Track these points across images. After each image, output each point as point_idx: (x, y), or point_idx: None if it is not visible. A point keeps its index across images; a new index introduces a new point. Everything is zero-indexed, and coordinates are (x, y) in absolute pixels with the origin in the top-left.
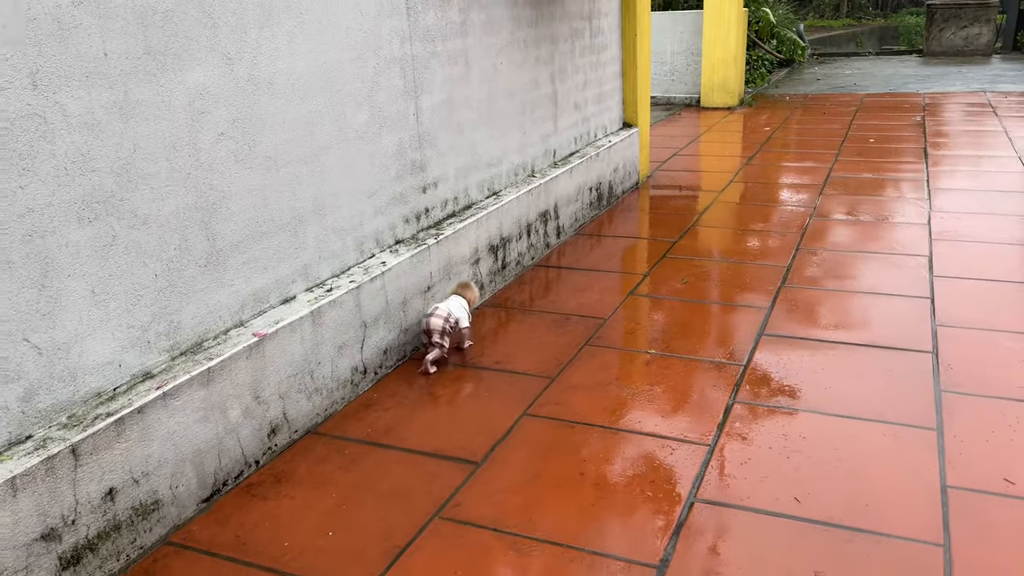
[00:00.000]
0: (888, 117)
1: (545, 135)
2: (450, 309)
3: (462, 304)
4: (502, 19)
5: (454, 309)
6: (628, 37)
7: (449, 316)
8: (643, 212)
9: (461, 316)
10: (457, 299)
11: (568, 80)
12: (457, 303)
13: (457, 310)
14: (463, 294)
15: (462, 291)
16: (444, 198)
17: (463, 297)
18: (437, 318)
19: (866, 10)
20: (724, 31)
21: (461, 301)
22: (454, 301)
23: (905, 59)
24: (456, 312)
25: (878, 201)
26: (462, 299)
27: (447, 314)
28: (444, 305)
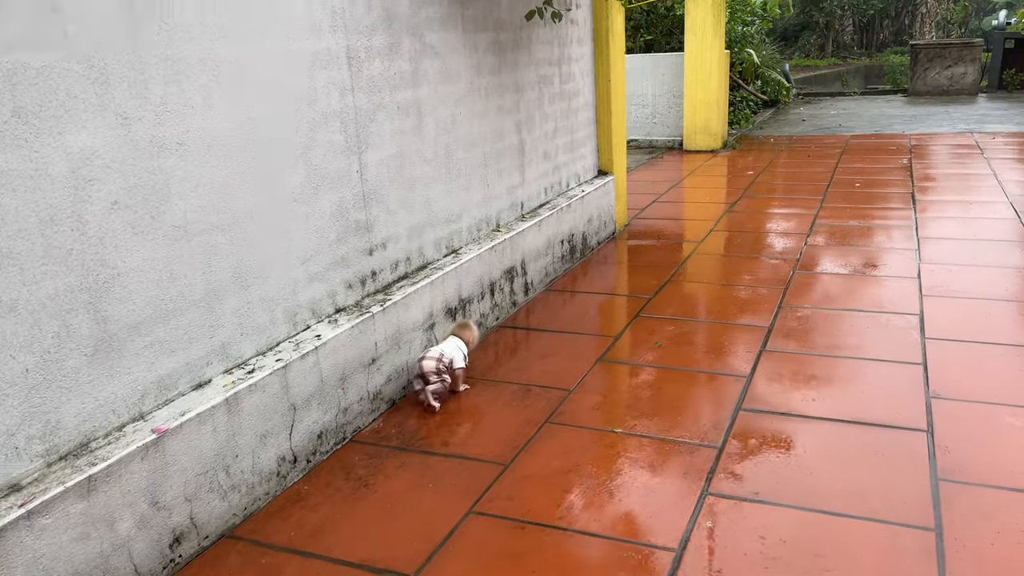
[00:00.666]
0: (874, 160)
1: (512, 187)
2: (443, 350)
3: (458, 345)
4: (460, 67)
5: (447, 350)
6: (601, 83)
7: (442, 356)
8: (619, 265)
9: (456, 356)
10: (454, 340)
11: (536, 129)
12: (453, 344)
13: (451, 351)
14: (460, 335)
15: (460, 332)
16: (394, 259)
17: (460, 338)
18: (429, 360)
19: (851, 50)
20: (705, 73)
21: (458, 342)
22: (450, 342)
23: (890, 99)
24: (450, 352)
25: (865, 251)
26: (459, 340)
27: (439, 355)
28: (437, 347)
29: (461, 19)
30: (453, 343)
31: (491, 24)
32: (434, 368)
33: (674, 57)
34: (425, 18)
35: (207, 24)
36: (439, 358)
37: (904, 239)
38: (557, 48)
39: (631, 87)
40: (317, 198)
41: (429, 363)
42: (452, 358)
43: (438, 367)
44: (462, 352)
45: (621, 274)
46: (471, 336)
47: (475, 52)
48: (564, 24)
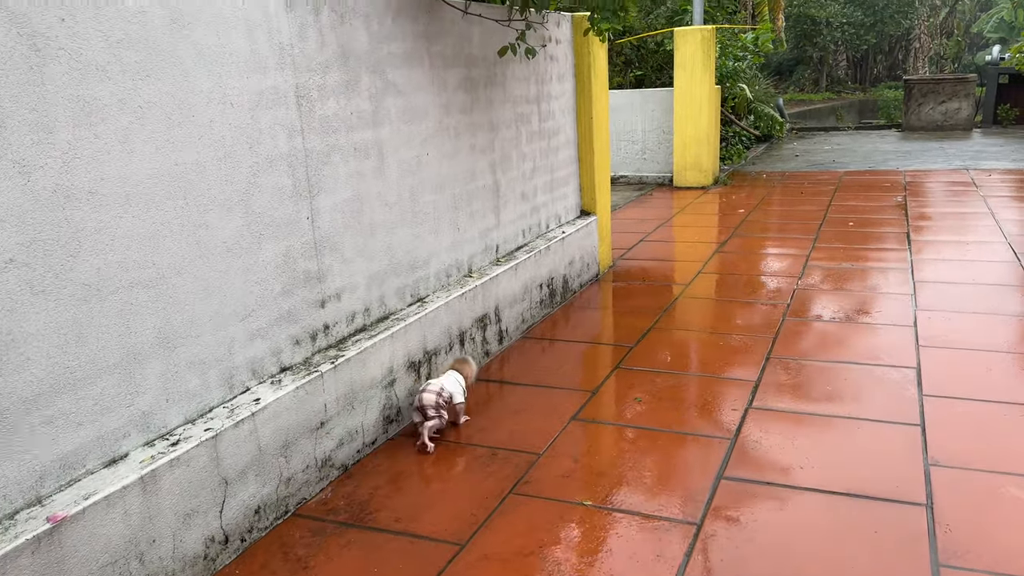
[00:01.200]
0: (868, 197)
1: (485, 230)
2: (443, 384)
3: (457, 379)
4: (427, 106)
5: (447, 384)
6: (583, 120)
7: (442, 391)
8: (601, 310)
9: (455, 391)
10: (453, 374)
11: (513, 169)
12: (452, 378)
13: (451, 385)
14: (460, 369)
15: (459, 366)
16: (350, 311)
17: (459, 373)
18: (429, 394)
19: (845, 84)
20: (695, 109)
21: (456, 376)
22: (449, 376)
23: (884, 134)
24: (449, 387)
25: (859, 296)
26: (458, 375)
27: (440, 388)
28: (436, 381)
29: (428, 56)
30: (452, 377)
31: (462, 61)
32: (433, 402)
33: (664, 93)
34: (387, 54)
35: (127, 62)
36: (439, 392)
37: (899, 283)
38: (535, 85)
39: (621, 123)
40: (259, 248)
41: (429, 396)
42: (452, 392)
43: (438, 401)
44: (461, 386)
45: (603, 320)
46: (470, 371)
47: (444, 90)
48: (543, 61)
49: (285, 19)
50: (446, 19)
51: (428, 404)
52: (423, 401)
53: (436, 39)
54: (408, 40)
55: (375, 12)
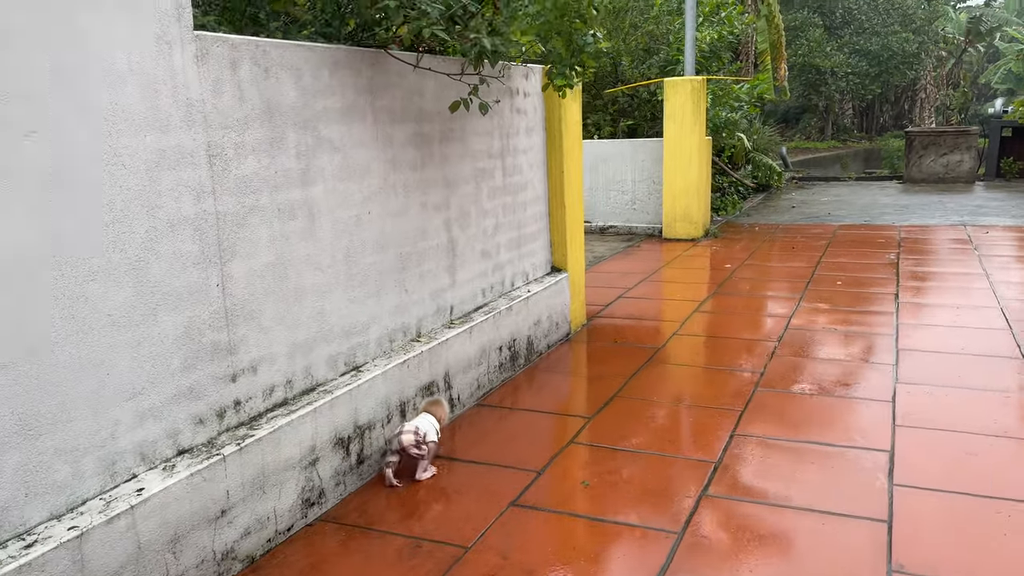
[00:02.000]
0: (860, 254)
1: (438, 290)
2: (417, 424)
3: (431, 421)
4: (369, 162)
5: (421, 424)
6: (554, 174)
7: (418, 431)
8: (565, 374)
9: (429, 431)
10: (425, 416)
11: (472, 226)
12: (426, 420)
13: (425, 426)
14: (432, 411)
15: (431, 408)
16: (268, 384)
17: (432, 414)
18: (407, 434)
19: (851, 133)
20: (685, 160)
21: (430, 418)
22: (422, 418)
23: (885, 185)
24: (424, 427)
25: (838, 365)
26: (431, 416)
27: (415, 428)
28: (411, 423)
29: (372, 110)
30: (426, 419)
31: (412, 115)
32: (412, 441)
33: (654, 143)
34: (321, 110)
35: None
36: (415, 432)
37: (882, 351)
38: (500, 139)
39: (610, 173)
40: (154, 320)
41: (408, 437)
42: (426, 432)
43: (416, 440)
44: (435, 428)
45: (566, 386)
46: (442, 413)
47: (390, 146)
48: (509, 114)
49: (195, 73)
50: (393, 72)
51: (409, 444)
52: (404, 442)
53: (382, 93)
54: (348, 94)
55: (308, 66)
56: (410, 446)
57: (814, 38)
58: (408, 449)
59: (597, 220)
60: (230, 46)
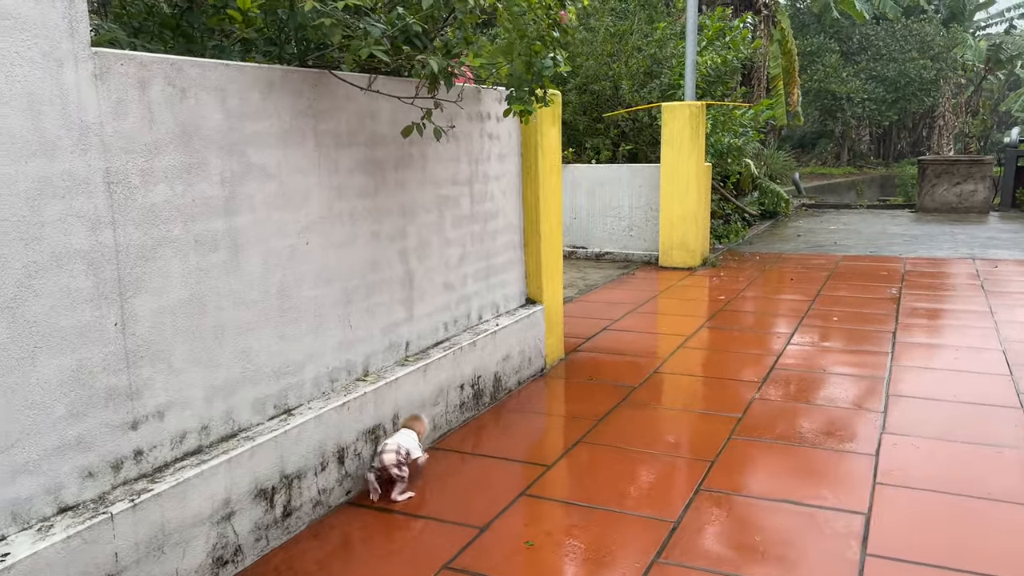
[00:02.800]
0: (861, 287)
1: (391, 325)
2: (399, 442)
3: (412, 437)
4: (309, 189)
5: (403, 441)
6: (529, 201)
7: (399, 449)
8: (533, 415)
9: (412, 447)
10: (406, 432)
11: (433, 257)
12: (407, 436)
13: (407, 441)
14: (412, 427)
15: (411, 424)
16: (179, 431)
17: (412, 430)
18: (389, 453)
19: (867, 159)
20: (682, 187)
21: (411, 434)
22: (403, 434)
23: (897, 214)
24: (405, 443)
25: (822, 413)
26: (411, 432)
27: (397, 447)
28: (392, 440)
29: (314, 134)
30: (407, 435)
31: (363, 139)
32: (394, 461)
33: (652, 168)
34: (251, 134)
35: None
36: (397, 450)
37: (871, 396)
38: (467, 165)
39: (607, 198)
40: (32, 364)
41: (390, 456)
42: (409, 449)
43: (398, 459)
44: (416, 444)
45: (531, 428)
46: (422, 428)
47: (335, 172)
48: (478, 139)
49: (92, 94)
50: (340, 95)
51: (390, 463)
52: (385, 462)
53: (326, 116)
54: (285, 118)
55: (236, 87)
56: (391, 466)
57: (830, 63)
58: (389, 469)
59: (593, 246)
60: (137, 64)
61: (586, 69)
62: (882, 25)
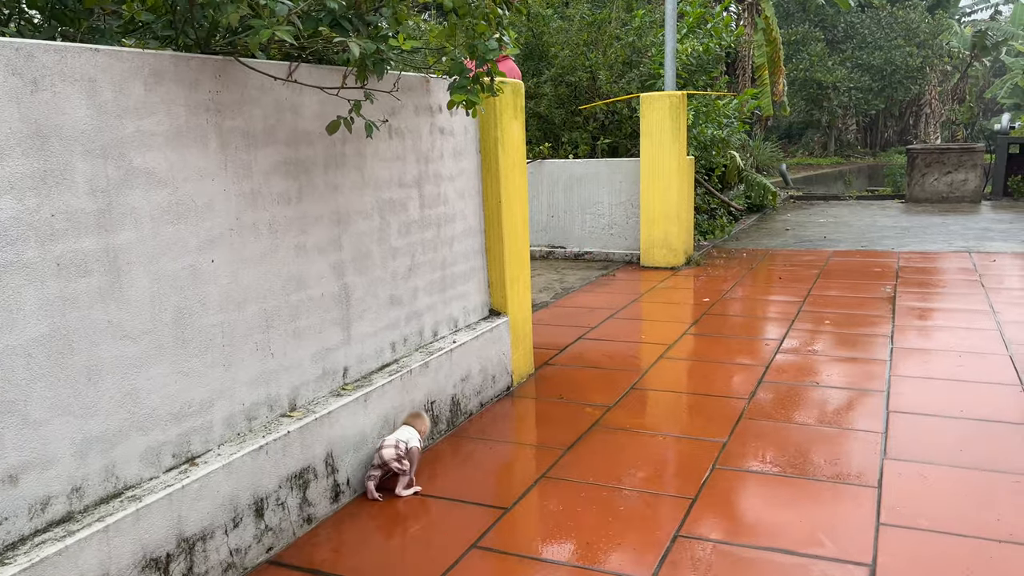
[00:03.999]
0: (854, 286)
1: (324, 350)
2: (398, 437)
3: (413, 433)
4: (213, 197)
5: (403, 436)
6: (491, 204)
7: (398, 444)
8: (493, 443)
9: (412, 439)
10: (407, 429)
11: (375, 269)
12: (407, 432)
13: (407, 436)
14: (414, 424)
15: (413, 421)
16: (39, 497)
17: (414, 427)
18: (388, 448)
19: (855, 148)
20: (664, 183)
21: (411, 431)
22: (404, 430)
23: (886, 205)
24: (405, 437)
25: (816, 433)
26: (412, 429)
27: (395, 442)
28: (392, 436)
29: (218, 132)
30: (407, 431)
31: (283, 137)
32: (394, 456)
33: (632, 163)
34: (133, 133)
35: None
36: (396, 445)
37: (870, 415)
38: (416, 165)
39: (585, 195)
40: None
41: (389, 451)
42: (407, 440)
43: (398, 454)
44: (417, 438)
45: (489, 460)
46: (424, 427)
47: (248, 176)
48: (428, 135)
49: None
50: (252, 85)
51: (390, 458)
52: (385, 457)
53: (234, 111)
54: (179, 113)
55: (110, 77)
56: (391, 460)
57: (815, 52)
58: (390, 463)
59: (572, 246)
60: None
61: (561, 60)
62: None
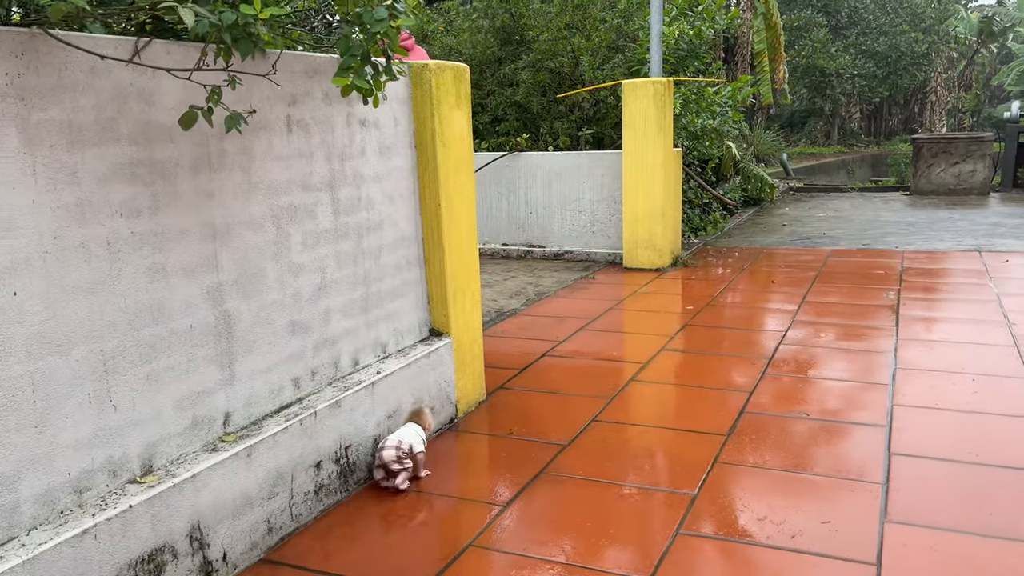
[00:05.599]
0: (853, 290)
1: (194, 395)
2: (400, 437)
3: (416, 431)
4: (14, 211)
5: (405, 436)
6: (430, 207)
7: (400, 444)
8: (419, 496)
9: (415, 441)
10: (411, 426)
11: (270, 290)
12: (411, 430)
13: (409, 436)
14: (417, 421)
15: (415, 418)
16: None
17: (417, 424)
18: (389, 449)
19: (859, 137)
20: (647, 177)
21: (415, 428)
22: (407, 429)
23: (890, 198)
24: (408, 438)
25: (804, 485)
26: (416, 426)
27: (398, 442)
28: (394, 435)
29: (20, 127)
30: (411, 429)
31: (128, 132)
32: (394, 456)
33: (615, 156)
34: None
35: None
36: (397, 446)
37: (869, 457)
38: (327, 163)
39: (565, 190)
40: None
41: (389, 452)
42: (411, 443)
43: (398, 455)
44: (420, 437)
45: (414, 519)
46: (428, 422)
47: (72, 182)
48: (343, 128)
49: None
50: (77, 67)
51: (390, 459)
52: (384, 458)
53: (48, 100)
54: None
55: None
56: (391, 462)
57: (818, 39)
58: (389, 465)
59: (552, 244)
60: None
61: (541, 44)
62: None
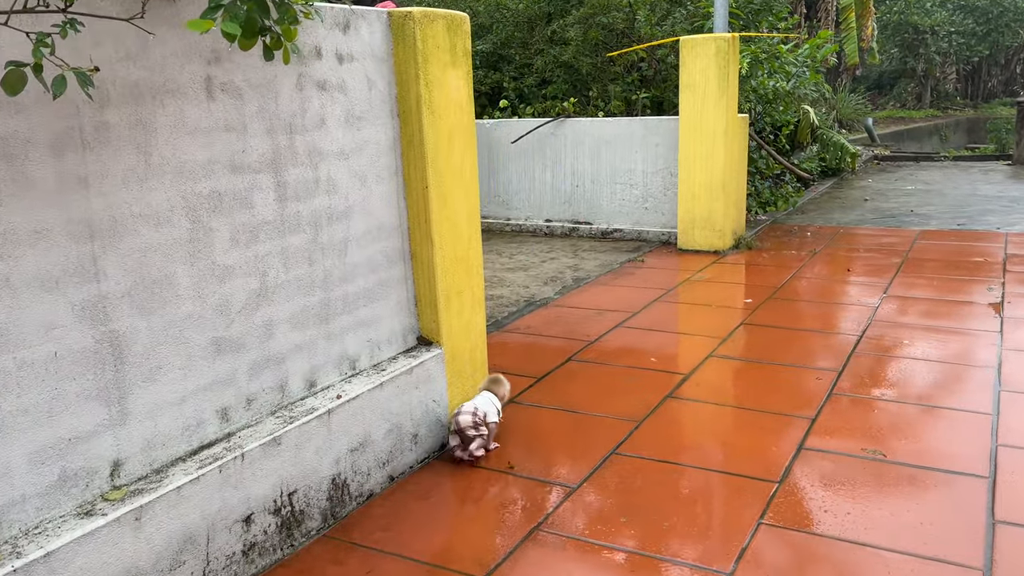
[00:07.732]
0: (945, 282)
1: (63, 442)
2: (476, 405)
3: (491, 399)
4: None
5: (480, 404)
6: (415, 190)
7: (476, 411)
8: (384, 556)
9: (489, 410)
10: (486, 394)
11: (183, 301)
12: (486, 398)
13: (484, 404)
14: (493, 389)
15: (491, 386)
16: None
17: (493, 392)
18: (465, 415)
19: (953, 100)
20: (707, 147)
21: (490, 396)
22: (483, 397)
23: (989, 168)
24: (483, 407)
25: (877, 560)
26: (492, 395)
27: (474, 409)
28: (470, 403)
29: None
30: (486, 397)
31: None
32: (471, 422)
33: (672, 122)
34: None
35: None
36: (474, 412)
37: (966, 524)
38: (267, 138)
39: (616, 161)
40: None
41: (465, 418)
42: (486, 412)
43: (475, 421)
44: (496, 407)
45: None
46: (504, 391)
47: None
48: (293, 92)
49: None
50: None
51: (466, 425)
52: (460, 423)
53: None
54: None
55: None
56: (467, 427)
57: None
58: (465, 430)
59: (600, 221)
60: None
61: None
62: None
